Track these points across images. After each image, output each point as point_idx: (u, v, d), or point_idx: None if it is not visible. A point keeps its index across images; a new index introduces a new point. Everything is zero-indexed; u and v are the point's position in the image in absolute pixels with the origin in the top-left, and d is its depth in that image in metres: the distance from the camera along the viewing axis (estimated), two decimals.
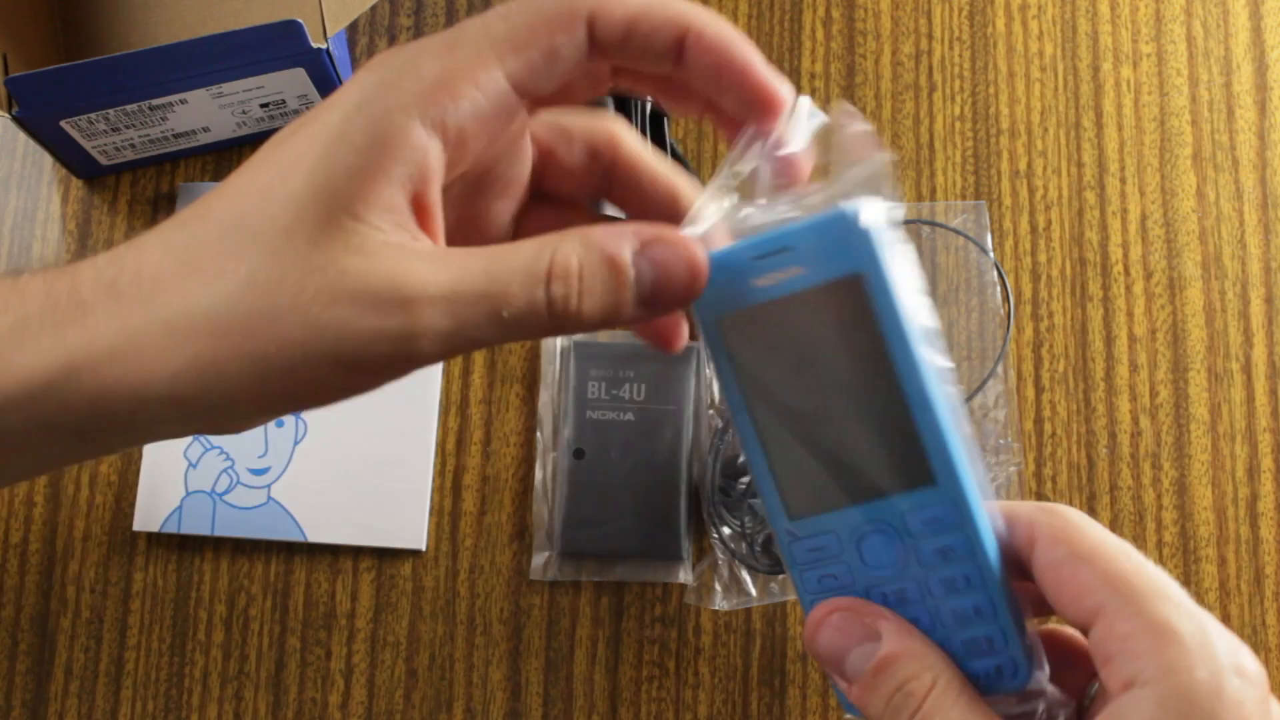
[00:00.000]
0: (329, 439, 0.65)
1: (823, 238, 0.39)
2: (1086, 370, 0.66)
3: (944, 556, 0.41)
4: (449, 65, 0.37)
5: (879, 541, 0.41)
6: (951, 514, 0.40)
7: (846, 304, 0.39)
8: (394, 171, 0.37)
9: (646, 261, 0.38)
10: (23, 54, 0.64)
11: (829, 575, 0.42)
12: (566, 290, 0.37)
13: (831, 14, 0.71)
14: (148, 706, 0.63)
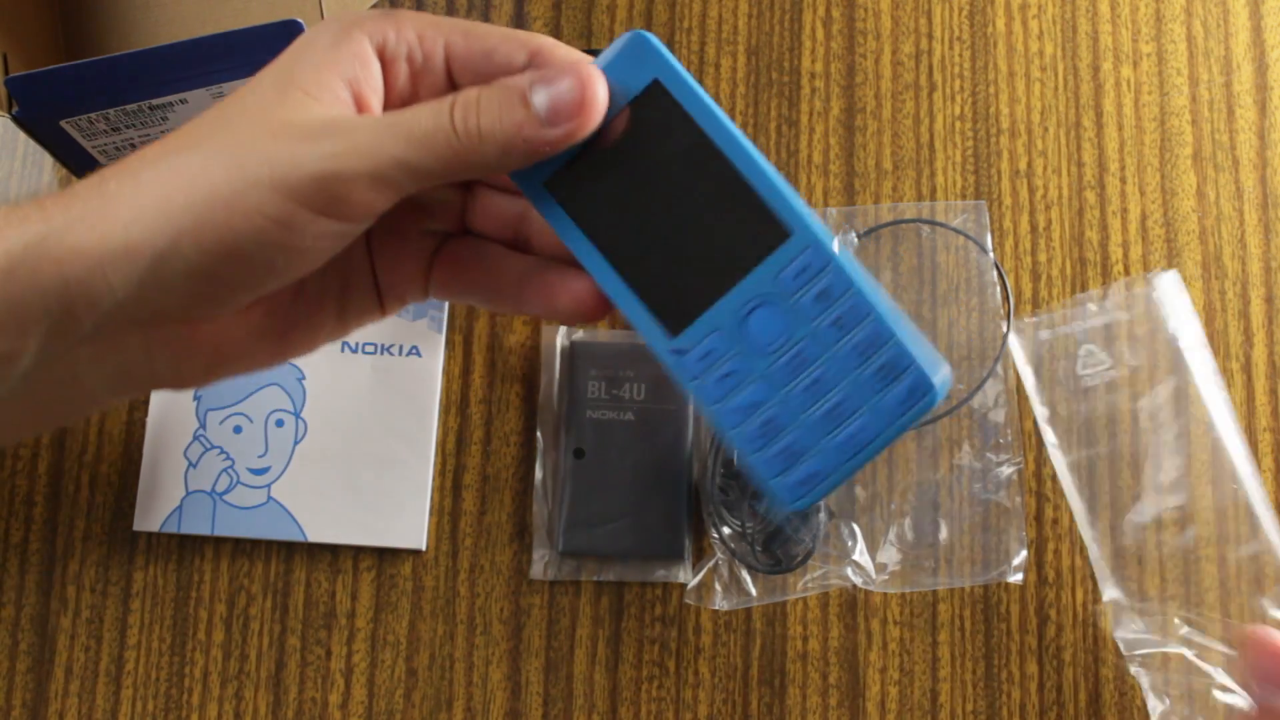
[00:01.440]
0: (329, 439, 0.65)
1: (622, 60, 0.43)
2: None
3: (825, 300, 0.42)
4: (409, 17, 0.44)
5: (762, 316, 0.43)
6: (816, 257, 0.42)
7: (655, 111, 0.43)
8: (343, 68, 0.43)
9: (542, 85, 0.42)
10: (22, 54, 0.64)
11: (727, 375, 0.43)
12: (466, 111, 0.42)
13: (831, 13, 0.71)
14: (148, 706, 0.63)
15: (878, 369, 0.42)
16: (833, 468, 0.43)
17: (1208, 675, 0.60)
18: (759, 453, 0.43)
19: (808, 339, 0.42)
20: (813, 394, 0.43)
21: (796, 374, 0.43)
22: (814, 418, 0.43)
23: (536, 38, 0.44)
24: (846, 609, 0.64)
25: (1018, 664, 0.63)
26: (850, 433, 0.42)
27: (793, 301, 0.42)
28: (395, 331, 0.65)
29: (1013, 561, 0.62)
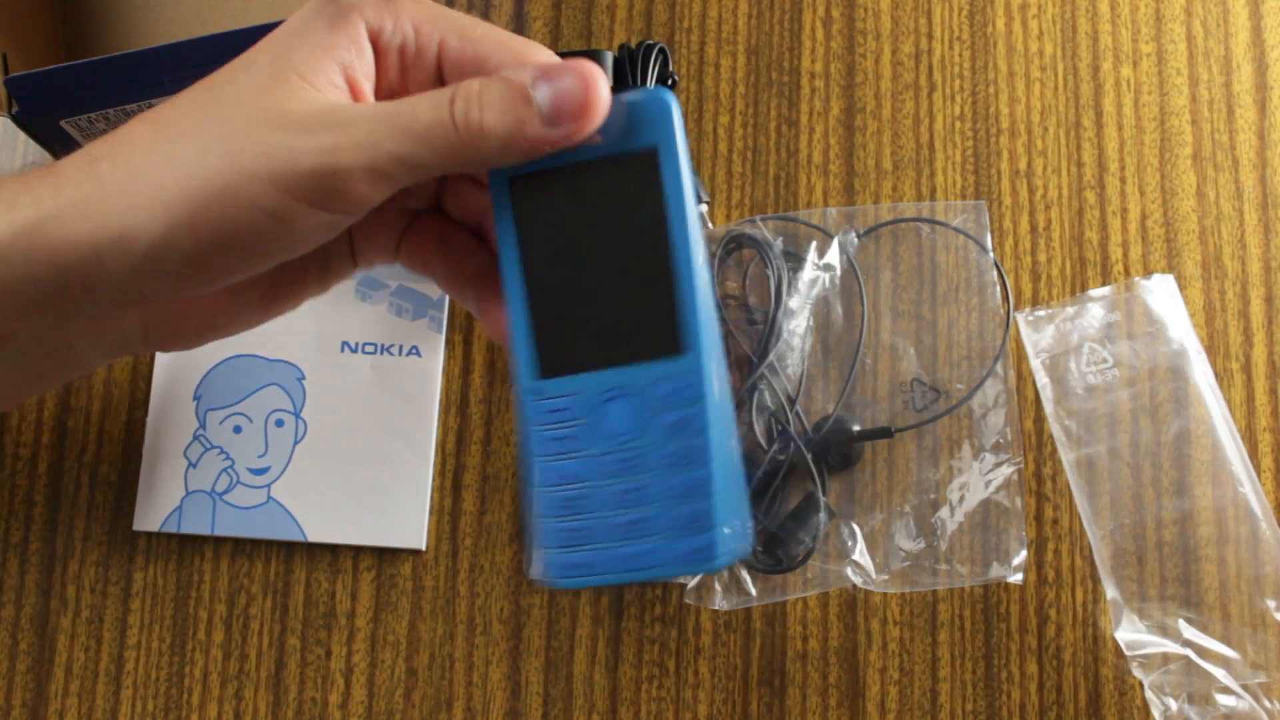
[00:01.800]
0: (329, 438, 0.65)
1: (633, 113, 0.43)
2: None
3: (676, 430, 0.43)
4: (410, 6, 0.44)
5: (621, 407, 0.43)
6: (692, 388, 0.42)
7: (636, 175, 0.43)
8: (339, 54, 0.42)
9: (544, 81, 0.42)
10: (23, 53, 0.64)
11: (562, 438, 0.43)
12: (467, 105, 0.42)
13: (831, 13, 0.71)
14: (148, 706, 0.63)
15: (684, 515, 0.43)
16: (606, 570, 0.43)
17: (1208, 676, 0.60)
18: (552, 520, 0.44)
19: (646, 452, 0.43)
20: (624, 500, 0.43)
21: (620, 475, 0.43)
22: (614, 520, 0.43)
23: (531, 51, 0.44)
24: (846, 609, 0.64)
25: (1018, 664, 0.63)
26: (636, 551, 0.43)
27: (652, 414, 0.43)
28: (395, 331, 0.65)
29: (1013, 561, 0.62)
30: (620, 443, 0.43)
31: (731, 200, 0.69)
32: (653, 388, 0.43)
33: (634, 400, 0.43)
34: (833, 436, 0.63)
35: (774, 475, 0.62)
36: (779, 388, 0.63)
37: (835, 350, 0.65)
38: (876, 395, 0.65)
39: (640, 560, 0.43)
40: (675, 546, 0.43)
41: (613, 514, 0.43)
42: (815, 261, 0.65)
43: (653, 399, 0.43)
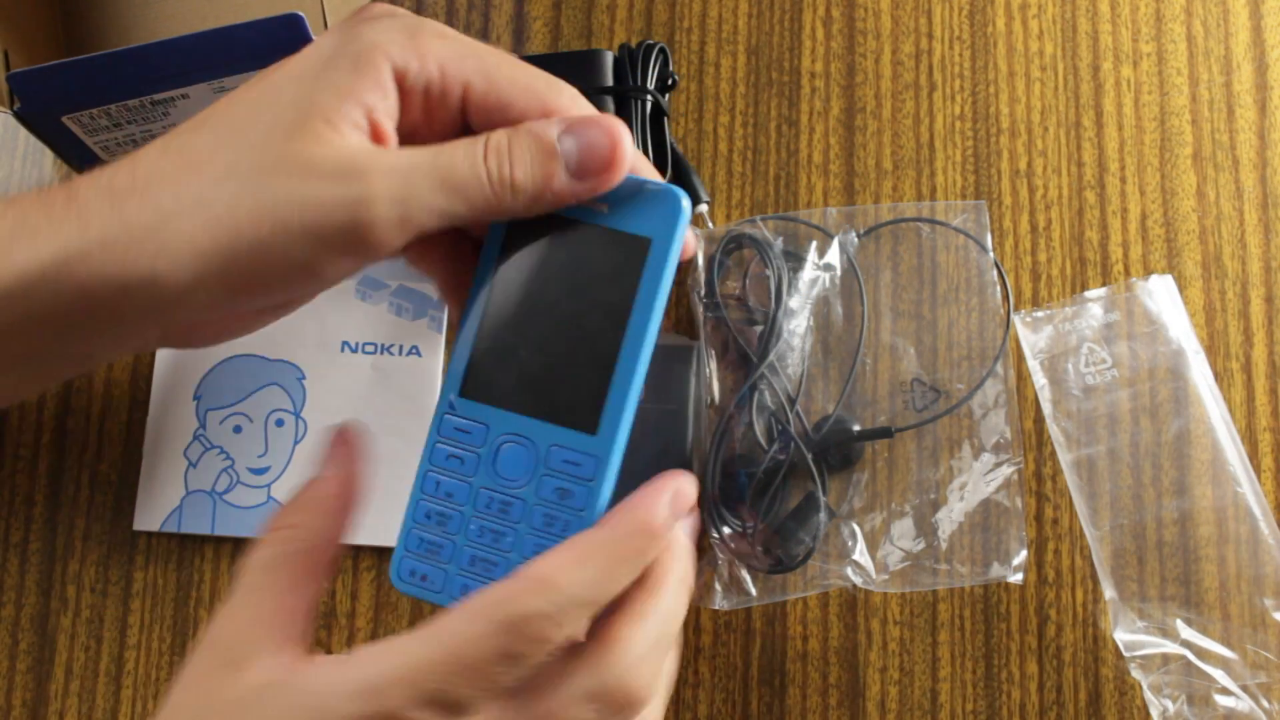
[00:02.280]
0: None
1: (646, 199, 0.44)
2: None
3: (559, 496, 0.44)
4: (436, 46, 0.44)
5: (518, 453, 0.45)
6: (589, 467, 0.44)
7: (622, 258, 0.44)
8: (364, 97, 0.42)
9: (571, 137, 0.43)
10: (24, 49, 0.64)
11: (456, 457, 0.45)
12: (500, 162, 0.43)
13: (831, 13, 0.71)
14: (148, 706, 0.63)
15: None
16: (440, 590, 0.45)
17: (1207, 677, 0.60)
18: (415, 529, 0.46)
19: (523, 503, 0.45)
20: (482, 536, 0.45)
21: (489, 513, 0.45)
22: (467, 550, 0.45)
23: (554, 94, 0.44)
24: (846, 609, 0.64)
25: (1018, 664, 0.63)
26: (470, 585, 0.45)
27: (542, 473, 0.45)
28: (395, 331, 0.65)
29: (1013, 561, 0.62)
30: (501, 485, 0.45)
31: (731, 200, 0.69)
32: (553, 450, 0.45)
33: (531, 453, 0.45)
34: (833, 436, 0.63)
35: (774, 475, 0.62)
36: (779, 388, 0.63)
37: (835, 350, 0.65)
38: (876, 395, 0.65)
39: None
40: None
41: (468, 544, 0.45)
42: (815, 261, 0.65)
43: (549, 460, 0.45)
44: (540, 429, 0.45)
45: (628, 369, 0.44)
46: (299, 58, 0.44)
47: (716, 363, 0.65)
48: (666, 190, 0.44)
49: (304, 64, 0.43)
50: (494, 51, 0.45)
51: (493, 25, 0.71)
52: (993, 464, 0.63)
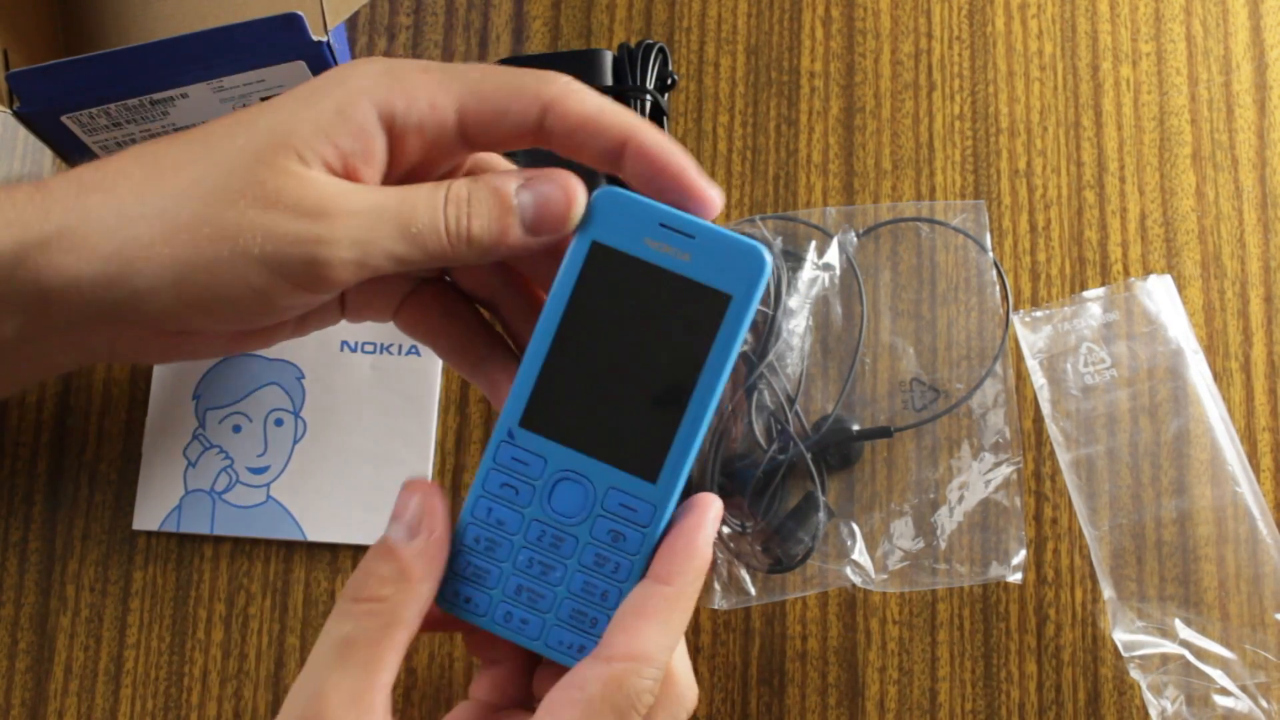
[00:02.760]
0: (328, 438, 0.64)
1: (729, 252, 0.44)
2: None
3: (611, 539, 0.45)
4: (420, 81, 0.43)
5: (574, 490, 0.45)
6: (645, 514, 0.45)
7: (701, 311, 0.45)
8: (342, 141, 0.43)
9: (528, 192, 0.44)
10: (23, 49, 0.64)
11: (511, 487, 0.46)
12: (459, 213, 0.43)
13: (831, 13, 0.71)
14: (147, 705, 0.63)
15: (575, 611, 0.45)
16: (484, 614, 0.46)
17: (1207, 677, 0.60)
18: (463, 553, 0.46)
19: (575, 540, 0.45)
20: (533, 568, 0.46)
21: (540, 546, 0.46)
22: (514, 579, 0.46)
23: (547, 87, 0.44)
24: (846, 608, 0.64)
25: (1017, 663, 0.63)
26: (519, 614, 0.46)
27: (597, 513, 0.45)
28: (395, 331, 0.65)
29: (1012, 561, 0.62)
30: (554, 519, 0.45)
31: (731, 200, 0.69)
32: (611, 493, 0.45)
33: (588, 492, 0.45)
34: (832, 436, 0.63)
35: (773, 475, 0.62)
36: (778, 387, 0.63)
37: (835, 350, 0.65)
38: (876, 395, 0.65)
39: (519, 627, 0.46)
40: (553, 632, 0.45)
41: (516, 573, 0.46)
42: (815, 261, 0.65)
43: (606, 502, 0.45)
44: (600, 470, 0.45)
45: (694, 422, 0.45)
46: (285, 94, 0.44)
47: None
48: (751, 248, 0.44)
49: (288, 99, 0.44)
50: (476, 67, 0.45)
51: (492, 25, 0.71)
52: (992, 464, 0.63)
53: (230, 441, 0.64)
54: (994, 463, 0.63)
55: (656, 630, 0.42)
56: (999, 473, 0.63)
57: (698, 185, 0.45)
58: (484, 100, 0.44)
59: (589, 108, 0.44)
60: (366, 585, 0.43)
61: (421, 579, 0.44)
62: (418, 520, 0.45)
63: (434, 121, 0.44)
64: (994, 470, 0.63)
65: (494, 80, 0.44)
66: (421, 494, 0.45)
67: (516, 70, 0.45)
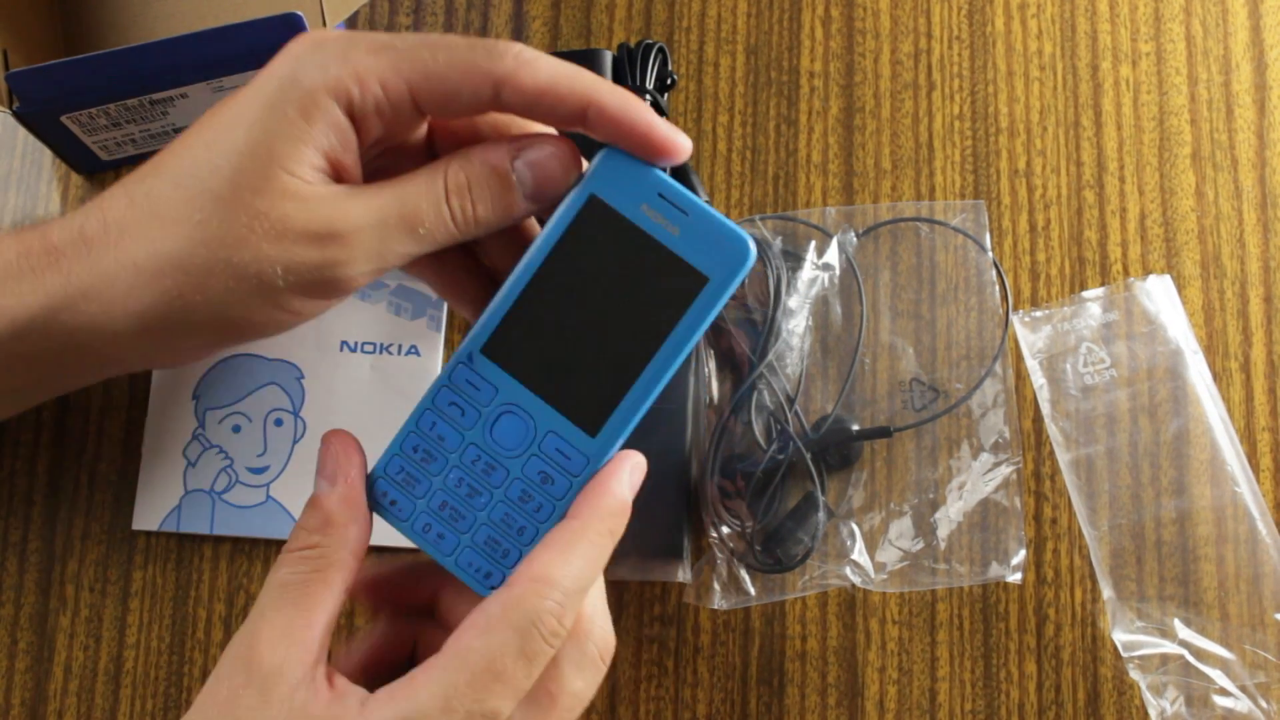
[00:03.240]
0: None
1: (717, 237, 0.45)
2: None
3: (541, 480, 0.46)
4: (370, 64, 0.44)
5: (516, 425, 0.46)
6: (577, 463, 0.46)
7: (676, 286, 0.46)
8: (319, 140, 0.43)
9: (524, 164, 0.45)
10: (23, 49, 0.64)
11: (456, 407, 0.46)
12: (462, 201, 0.44)
13: (831, 13, 0.71)
14: (147, 705, 0.63)
15: (492, 539, 0.46)
16: (404, 520, 0.47)
17: (1206, 677, 0.60)
18: (398, 457, 0.47)
19: (505, 473, 0.46)
20: (460, 488, 0.47)
21: (472, 471, 0.47)
22: (440, 495, 0.47)
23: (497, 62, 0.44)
24: (845, 608, 0.64)
25: (1016, 663, 0.63)
26: (439, 530, 0.47)
27: (534, 450, 0.46)
28: (394, 331, 0.65)
29: (1011, 561, 0.62)
30: (491, 448, 0.46)
31: (730, 199, 0.69)
32: (550, 436, 0.46)
33: (528, 430, 0.46)
34: (832, 436, 0.63)
35: (773, 475, 0.62)
36: (778, 387, 0.63)
37: (834, 350, 0.65)
38: (875, 395, 0.65)
39: (434, 540, 0.47)
40: (467, 555, 0.46)
41: (443, 489, 0.47)
42: (814, 261, 0.65)
43: (543, 444, 0.46)
44: (545, 412, 0.46)
45: (645, 390, 0.46)
46: (246, 98, 0.44)
47: (715, 362, 0.65)
48: (738, 237, 0.45)
49: (252, 107, 0.44)
50: (427, 43, 0.44)
51: (492, 25, 0.71)
52: (991, 464, 0.63)
53: (230, 441, 0.64)
54: (994, 463, 0.63)
55: (559, 558, 0.43)
56: (999, 473, 0.63)
57: (667, 137, 0.45)
58: (433, 80, 0.44)
59: (542, 79, 0.44)
60: (298, 536, 0.45)
61: (345, 523, 0.45)
62: (333, 469, 0.45)
63: (389, 103, 0.44)
64: (994, 470, 0.63)
65: (445, 58, 0.44)
66: (337, 443, 0.46)
67: (469, 45, 0.44)
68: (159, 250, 0.43)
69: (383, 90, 0.44)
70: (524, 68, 0.44)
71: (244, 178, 0.43)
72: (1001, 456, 0.63)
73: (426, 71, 0.44)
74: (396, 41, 0.44)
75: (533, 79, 0.44)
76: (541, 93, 0.44)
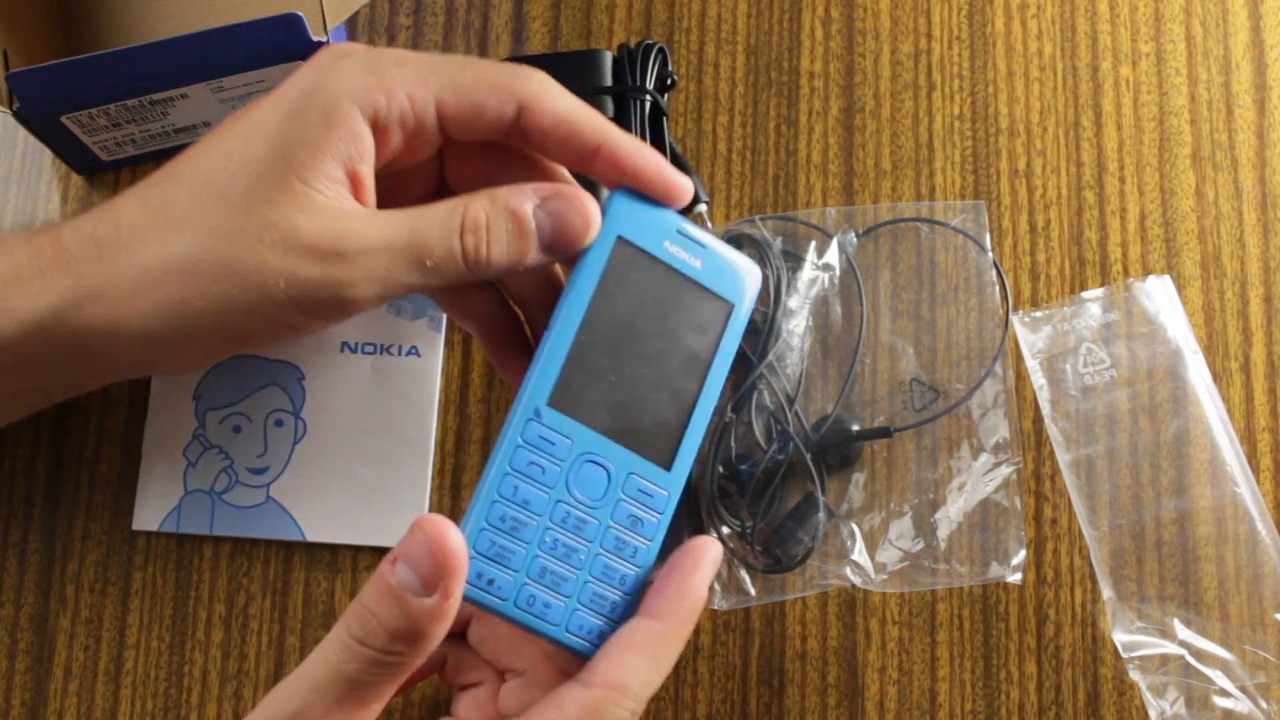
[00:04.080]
0: (328, 439, 0.64)
1: (735, 269, 0.49)
2: None
3: (631, 523, 0.47)
4: (398, 75, 0.44)
5: (596, 474, 0.46)
6: (660, 501, 0.47)
7: (708, 314, 0.48)
8: (338, 149, 0.43)
9: (545, 214, 0.45)
10: (23, 49, 0.64)
11: (535, 465, 0.46)
12: (477, 241, 0.44)
13: (831, 13, 0.71)
14: (147, 705, 0.63)
15: (599, 596, 0.46)
16: (505, 599, 0.45)
17: (1206, 678, 0.60)
18: (485, 531, 0.45)
19: (597, 524, 0.46)
20: (558, 550, 0.46)
21: (564, 527, 0.46)
22: (539, 562, 0.46)
23: (523, 84, 0.44)
24: (845, 608, 0.64)
25: (1016, 664, 0.63)
26: (539, 598, 0.45)
27: (619, 497, 0.47)
28: (394, 331, 0.65)
29: (1011, 561, 0.62)
30: (579, 501, 0.46)
31: (730, 200, 0.69)
32: (631, 478, 0.47)
33: (611, 476, 0.46)
34: (832, 436, 0.63)
35: (773, 475, 0.62)
36: (778, 387, 0.63)
37: (834, 350, 0.65)
38: (875, 395, 0.65)
39: (540, 613, 0.45)
40: (575, 616, 0.46)
41: (540, 555, 0.46)
42: (814, 261, 0.65)
43: (626, 486, 0.47)
44: (622, 455, 0.47)
45: (702, 416, 0.48)
46: (268, 106, 0.44)
47: None
48: (750, 266, 0.49)
49: (273, 116, 0.44)
50: (453, 60, 0.45)
51: (492, 25, 0.71)
52: (991, 464, 0.64)
53: (230, 442, 0.64)
54: (994, 463, 0.63)
55: (641, 664, 0.43)
56: (998, 473, 0.63)
57: (675, 180, 0.46)
58: (460, 95, 0.44)
59: (563, 109, 0.45)
60: (376, 634, 0.41)
61: (436, 638, 0.42)
62: (434, 576, 0.41)
63: (413, 116, 0.44)
64: (993, 470, 0.63)
65: (472, 74, 0.44)
66: (437, 541, 0.41)
67: (495, 65, 0.45)
68: (167, 253, 0.43)
69: (409, 102, 0.44)
70: (547, 95, 0.44)
71: (259, 187, 0.43)
72: (1001, 457, 0.63)
73: (455, 86, 0.44)
74: (423, 56, 0.45)
75: (554, 107, 0.44)
76: (562, 122, 0.44)
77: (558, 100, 0.44)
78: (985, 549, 0.63)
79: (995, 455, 0.64)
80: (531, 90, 0.44)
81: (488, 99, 0.44)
